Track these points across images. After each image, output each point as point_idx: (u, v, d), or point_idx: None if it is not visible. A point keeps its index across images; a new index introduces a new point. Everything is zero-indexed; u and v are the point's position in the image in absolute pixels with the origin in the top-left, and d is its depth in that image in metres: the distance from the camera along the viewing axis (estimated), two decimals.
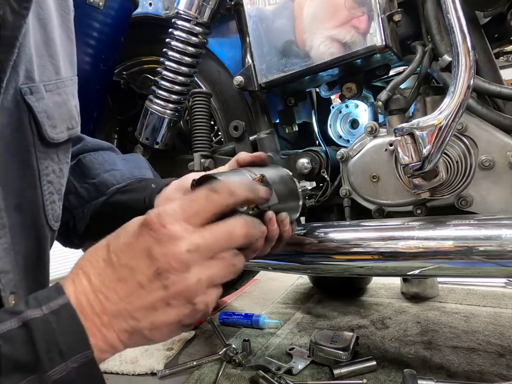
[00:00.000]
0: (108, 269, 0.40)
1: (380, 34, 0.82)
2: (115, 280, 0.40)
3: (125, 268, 0.40)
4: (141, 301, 0.39)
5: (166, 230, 0.40)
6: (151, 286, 0.39)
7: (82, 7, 0.98)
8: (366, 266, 0.78)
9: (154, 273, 0.39)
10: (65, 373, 0.35)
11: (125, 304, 0.39)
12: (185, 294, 0.40)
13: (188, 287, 0.40)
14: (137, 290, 0.40)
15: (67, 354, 0.36)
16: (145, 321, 0.40)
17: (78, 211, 0.72)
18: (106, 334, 0.39)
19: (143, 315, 0.40)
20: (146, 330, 0.40)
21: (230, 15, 1.05)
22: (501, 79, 0.85)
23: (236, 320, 1.18)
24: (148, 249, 0.39)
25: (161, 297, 0.39)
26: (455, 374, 0.84)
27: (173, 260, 0.39)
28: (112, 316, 0.39)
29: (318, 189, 1.05)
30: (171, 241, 0.40)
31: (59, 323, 0.37)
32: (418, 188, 0.78)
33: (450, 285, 1.38)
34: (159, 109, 1.07)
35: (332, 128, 1.10)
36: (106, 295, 0.39)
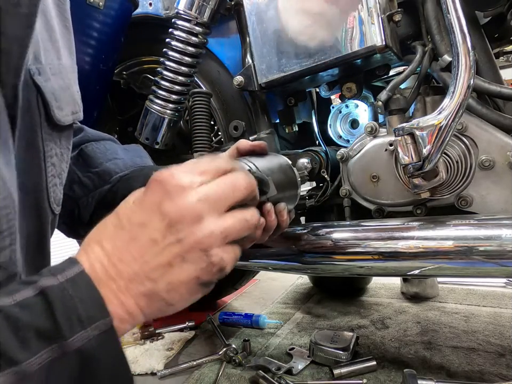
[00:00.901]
0: (119, 231, 0.39)
1: (380, 34, 0.82)
2: (127, 241, 0.39)
3: (136, 226, 0.39)
4: (156, 258, 0.38)
5: (175, 181, 0.39)
6: (164, 241, 0.38)
7: (82, 7, 0.98)
8: (366, 266, 0.78)
9: (167, 226, 0.38)
10: (87, 341, 0.34)
11: (140, 264, 0.38)
12: (200, 246, 0.39)
13: (202, 238, 0.39)
14: (151, 247, 0.38)
15: (87, 322, 0.35)
16: (162, 282, 0.39)
17: (82, 200, 0.72)
18: (124, 300, 0.38)
19: (159, 274, 0.38)
20: (164, 292, 0.39)
21: (230, 15, 1.05)
22: (501, 79, 0.85)
23: (236, 320, 1.18)
24: (159, 203, 0.39)
25: (176, 252, 0.38)
26: (455, 374, 0.84)
27: (185, 211, 0.38)
28: (128, 280, 0.38)
29: (318, 189, 1.05)
30: (181, 192, 0.39)
31: (76, 290, 0.35)
32: (418, 188, 0.78)
33: (450, 285, 1.38)
34: (159, 109, 1.07)
35: (332, 128, 1.10)
36: (120, 257, 0.38)
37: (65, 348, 0.33)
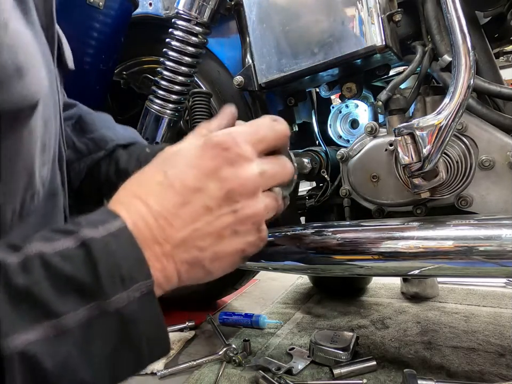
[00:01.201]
0: (169, 193, 0.36)
1: (380, 34, 0.82)
2: (179, 204, 0.36)
3: (190, 191, 0.36)
4: (209, 227, 0.36)
5: (240, 150, 0.37)
6: (220, 210, 0.37)
7: (82, 7, 0.98)
8: (366, 266, 0.78)
9: (224, 196, 0.36)
10: (127, 303, 0.31)
11: (190, 230, 0.36)
12: (254, 219, 0.38)
13: (257, 212, 0.38)
14: (204, 215, 0.36)
15: (129, 282, 0.32)
16: (209, 251, 0.37)
17: (74, 165, 0.68)
18: (166, 265, 0.35)
19: (208, 244, 0.37)
20: (208, 261, 0.37)
21: (230, 15, 1.05)
22: (501, 79, 0.85)
23: (236, 320, 1.18)
24: (218, 169, 0.37)
25: (230, 223, 0.37)
26: (455, 374, 0.84)
27: (246, 182, 0.37)
28: (174, 245, 0.36)
29: (318, 189, 1.05)
30: (244, 162, 0.37)
31: (119, 246, 0.33)
32: (418, 188, 0.78)
33: (450, 285, 1.38)
34: (159, 109, 1.07)
35: (332, 128, 1.10)
36: (170, 221, 0.35)
37: (105, 307, 0.31)
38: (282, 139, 0.42)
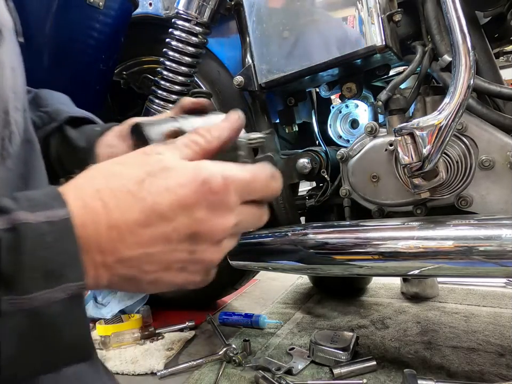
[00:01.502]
0: (136, 207, 0.33)
1: (380, 34, 0.82)
2: (141, 223, 0.33)
3: (158, 215, 0.34)
4: (161, 256, 0.34)
5: (227, 199, 0.35)
6: (178, 246, 0.35)
7: (82, 7, 0.98)
8: (366, 266, 0.78)
9: (189, 235, 0.35)
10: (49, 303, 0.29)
11: (141, 252, 0.34)
12: (208, 265, 0.37)
13: (214, 260, 0.37)
14: (162, 243, 0.34)
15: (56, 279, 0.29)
16: (151, 276, 0.35)
17: None
18: (102, 274, 0.33)
19: (153, 270, 0.35)
20: (145, 283, 0.36)
21: (230, 15, 1.05)
22: (501, 79, 0.85)
23: (236, 320, 1.18)
24: (196, 208, 0.34)
25: (181, 260, 0.35)
26: (455, 374, 0.84)
27: (217, 231, 0.35)
28: (118, 260, 0.33)
29: (318, 189, 1.05)
30: (225, 212, 0.36)
31: (55, 238, 0.30)
32: (418, 188, 0.78)
33: (450, 285, 1.38)
34: (159, 109, 1.07)
35: (332, 128, 1.10)
36: (124, 236, 0.33)
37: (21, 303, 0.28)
38: (271, 196, 0.41)
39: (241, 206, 0.37)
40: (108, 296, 1.35)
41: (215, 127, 0.41)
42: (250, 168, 0.39)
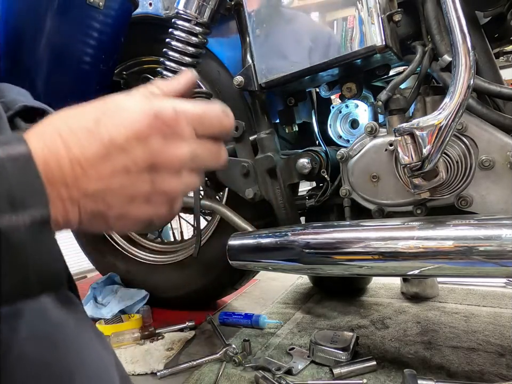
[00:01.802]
0: (94, 143, 0.35)
1: (380, 34, 0.82)
2: (101, 157, 0.35)
3: (116, 149, 0.35)
4: (123, 188, 0.36)
5: (179, 129, 0.37)
6: (139, 177, 0.36)
7: (82, 7, 0.98)
8: (366, 266, 0.78)
9: (148, 165, 0.36)
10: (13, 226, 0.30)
11: (103, 186, 0.35)
12: (170, 195, 0.38)
13: (175, 190, 0.38)
14: (122, 175, 0.36)
15: (20, 205, 0.30)
16: (116, 210, 0.36)
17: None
18: (69, 209, 0.34)
19: (118, 203, 0.36)
20: (113, 219, 0.37)
21: (230, 15, 1.05)
22: (501, 79, 0.85)
23: (236, 320, 1.18)
24: (151, 139, 0.36)
25: (145, 191, 0.37)
26: (455, 374, 0.84)
27: (173, 160, 0.37)
28: (83, 194, 0.35)
29: (318, 189, 1.05)
30: (178, 141, 0.37)
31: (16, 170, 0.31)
32: (418, 188, 0.78)
33: (450, 285, 1.38)
34: None
35: (332, 128, 1.10)
36: (86, 170, 0.34)
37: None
38: (225, 132, 0.43)
39: (196, 139, 0.39)
40: (108, 296, 1.35)
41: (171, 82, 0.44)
42: (201, 103, 0.41)
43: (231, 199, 1.19)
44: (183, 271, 1.31)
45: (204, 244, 1.23)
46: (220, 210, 1.10)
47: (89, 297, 1.36)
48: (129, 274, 1.43)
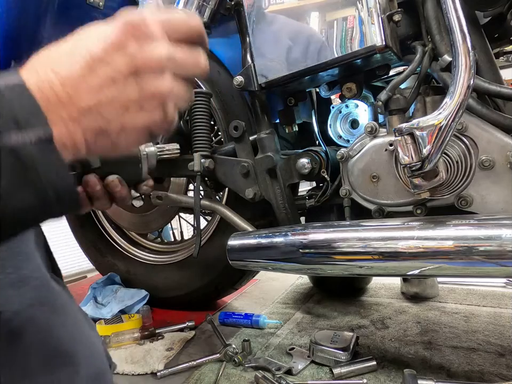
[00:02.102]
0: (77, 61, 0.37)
1: (380, 34, 0.82)
2: (86, 73, 0.37)
3: (97, 61, 0.37)
4: (114, 98, 0.38)
5: (148, 29, 0.39)
6: (125, 84, 0.38)
7: (82, 7, 0.98)
8: (366, 266, 0.78)
9: (131, 70, 0.38)
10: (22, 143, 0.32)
11: (96, 99, 0.37)
12: (159, 97, 0.40)
13: (163, 91, 0.40)
14: (110, 86, 0.38)
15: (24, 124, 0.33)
16: (115, 122, 0.38)
17: None
18: (72, 129, 0.36)
19: (114, 114, 0.38)
20: (114, 133, 0.39)
21: (230, 15, 1.05)
22: (501, 79, 0.85)
23: (236, 320, 1.18)
24: (126, 45, 0.38)
25: (135, 97, 0.39)
26: (455, 374, 0.84)
27: (152, 61, 0.39)
28: (81, 111, 0.36)
29: (318, 189, 1.05)
30: (152, 42, 0.39)
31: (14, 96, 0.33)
32: (418, 188, 0.78)
33: (450, 285, 1.38)
34: None
35: (332, 128, 1.10)
36: (76, 87, 0.36)
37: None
38: (196, 33, 0.44)
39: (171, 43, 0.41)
40: (108, 296, 1.35)
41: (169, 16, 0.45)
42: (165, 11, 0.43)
43: (231, 199, 1.19)
44: (183, 271, 1.31)
45: (204, 244, 1.23)
46: (220, 210, 1.10)
47: (89, 297, 1.36)
48: (129, 274, 1.43)
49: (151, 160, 0.61)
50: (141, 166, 0.60)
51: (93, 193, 0.54)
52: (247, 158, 1.05)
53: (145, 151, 0.60)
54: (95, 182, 0.54)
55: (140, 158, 0.60)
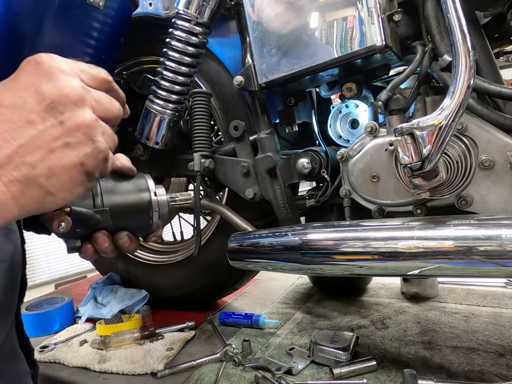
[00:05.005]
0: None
1: (380, 34, 0.82)
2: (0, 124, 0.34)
3: (9, 109, 0.35)
4: (35, 141, 0.35)
5: (56, 64, 0.37)
6: (44, 123, 0.36)
7: (82, 7, 0.98)
8: (366, 266, 0.78)
9: (47, 108, 0.36)
10: None
11: (15, 147, 0.34)
12: (84, 129, 0.37)
13: (86, 122, 0.38)
14: (28, 129, 0.35)
15: None
16: (41, 167, 0.35)
17: None
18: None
19: (39, 158, 0.35)
20: (43, 178, 0.36)
21: (230, 15, 1.05)
22: (501, 79, 0.85)
23: (236, 320, 1.18)
24: (36, 83, 0.36)
25: (57, 135, 0.36)
26: (455, 374, 0.84)
27: (68, 92, 0.37)
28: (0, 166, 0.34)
29: (318, 189, 1.05)
30: (63, 75, 0.37)
31: None
32: (418, 188, 0.78)
33: (450, 285, 1.38)
34: (159, 109, 1.07)
35: (332, 128, 1.10)
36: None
37: None
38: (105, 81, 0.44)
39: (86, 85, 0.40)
40: (108, 296, 1.35)
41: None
42: None
43: (231, 199, 1.19)
44: (183, 271, 1.31)
45: (204, 244, 1.23)
46: (220, 210, 1.10)
47: (89, 297, 1.36)
48: (129, 274, 1.43)
49: (163, 210, 0.59)
50: (151, 217, 0.58)
51: (100, 249, 0.53)
52: (247, 158, 1.05)
53: (158, 201, 0.58)
54: (104, 240, 0.52)
55: (150, 209, 0.57)
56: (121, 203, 0.54)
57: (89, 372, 1.00)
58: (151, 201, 0.57)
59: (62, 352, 1.09)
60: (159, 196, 0.58)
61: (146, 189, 0.57)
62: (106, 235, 0.52)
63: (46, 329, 1.26)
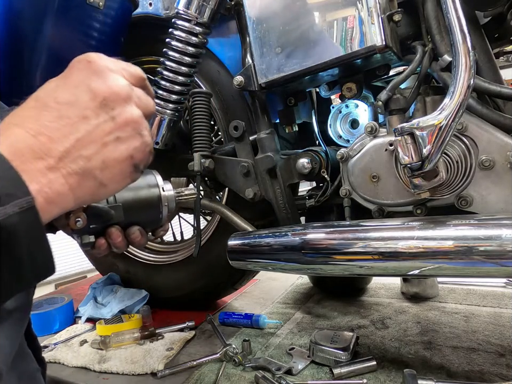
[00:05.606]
0: (43, 112, 0.37)
1: (380, 34, 0.82)
2: (55, 118, 0.37)
3: (65, 105, 0.37)
4: (90, 136, 0.38)
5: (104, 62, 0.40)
6: (98, 119, 0.38)
7: (82, 7, 0.98)
8: (366, 266, 0.78)
9: (100, 104, 0.38)
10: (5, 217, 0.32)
11: (72, 141, 0.37)
12: (133, 125, 0.40)
13: (135, 118, 0.40)
14: (83, 124, 0.38)
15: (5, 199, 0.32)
16: (96, 160, 0.38)
17: None
18: (53, 178, 0.36)
19: (93, 152, 0.38)
20: (98, 171, 0.38)
21: (230, 15, 1.05)
22: (501, 79, 0.85)
23: (236, 320, 1.18)
24: (87, 81, 0.39)
25: (110, 130, 0.39)
26: (455, 374, 0.84)
27: (118, 90, 0.39)
28: (58, 158, 0.36)
29: (318, 189, 1.05)
30: (111, 73, 0.40)
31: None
32: (418, 188, 0.78)
33: (450, 285, 1.38)
34: (159, 109, 1.07)
35: (332, 128, 1.10)
36: (49, 136, 0.36)
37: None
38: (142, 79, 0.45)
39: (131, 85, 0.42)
40: (108, 296, 1.35)
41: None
42: None
43: (231, 199, 1.19)
44: (183, 271, 1.31)
45: (204, 244, 1.23)
46: (220, 210, 1.10)
47: (89, 297, 1.36)
48: (129, 274, 1.43)
49: (171, 205, 0.61)
50: (161, 211, 0.60)
51: (114, 244, 0.55)
52: (247, 158, 1.05)
53: (166, 196, 0.60)
54: (118, 235, 0.54)
55: (160, 204, 0.60)
56: (133, 199, 0.57)
57: (89, 372, 1.00)
58: (160, 196, 0.59)
59: (62, 352, 1.09)
60: (167, 191, 0.60)
61: (155, 184, 0.60)
62: (119, 230, 0.54)
63: (46, 329, 1.26)
